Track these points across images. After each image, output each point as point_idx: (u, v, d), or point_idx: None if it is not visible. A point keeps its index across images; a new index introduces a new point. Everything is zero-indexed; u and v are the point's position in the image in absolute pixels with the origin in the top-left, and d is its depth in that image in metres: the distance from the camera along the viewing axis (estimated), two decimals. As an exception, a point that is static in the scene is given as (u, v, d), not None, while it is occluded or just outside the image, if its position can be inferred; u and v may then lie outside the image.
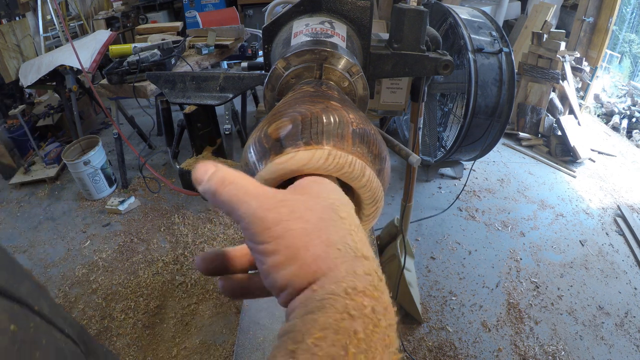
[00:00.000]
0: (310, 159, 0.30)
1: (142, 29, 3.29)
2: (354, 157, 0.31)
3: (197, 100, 0.64)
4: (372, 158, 0.33)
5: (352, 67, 0.48)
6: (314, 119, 0.32)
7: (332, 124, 0.32)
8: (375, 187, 0.32)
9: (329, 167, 0.30)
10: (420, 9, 0.68)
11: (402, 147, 0.81)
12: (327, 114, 0.33)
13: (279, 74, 0.48)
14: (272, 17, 0.73)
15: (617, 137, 3.70)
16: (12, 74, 3.25)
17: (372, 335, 0.21)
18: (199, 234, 2.55)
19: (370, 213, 0.35)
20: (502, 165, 3.23)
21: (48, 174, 3.15)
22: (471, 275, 2.24)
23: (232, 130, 2.73)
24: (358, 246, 0.25)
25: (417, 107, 1.41)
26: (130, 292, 2.16)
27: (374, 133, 0.34)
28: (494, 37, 2.40)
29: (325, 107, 0.34)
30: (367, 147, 0.33)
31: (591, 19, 3.94)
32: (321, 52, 0.46)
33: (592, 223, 2.63)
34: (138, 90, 2.43)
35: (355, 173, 0.31)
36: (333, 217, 0.26)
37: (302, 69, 0.47)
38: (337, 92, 0.39)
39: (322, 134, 0.31)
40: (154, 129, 3.72)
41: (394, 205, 2.78)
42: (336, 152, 0.30)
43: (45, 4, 4.05)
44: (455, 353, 1.84)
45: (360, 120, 0.34)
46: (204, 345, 1.88)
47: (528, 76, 3.47)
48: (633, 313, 2.04)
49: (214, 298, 2.11)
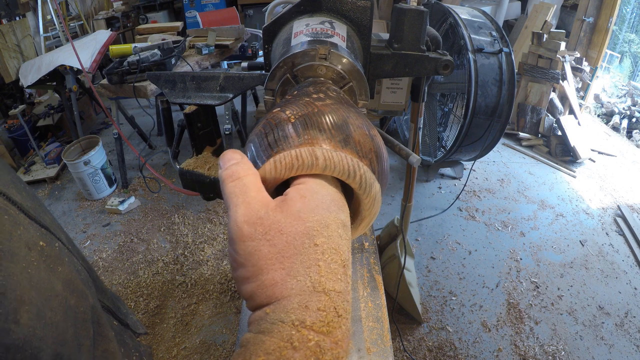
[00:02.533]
0: (304, 161, 0.30)
1: (142, 29, 3.29)
2: (351, 157, 0.31)
3: (198, 100, 0.64)
4: (371, 157, 0.33)
5: (351, 68, 0.48)
6: (313, 118, 0.32)
7: (332, 124, 0.32)
8: (372, 185, 0.32)
9: (326, 167, 0.30)
10: (421, 9, 0.68)
11: (402, 147, 0.81)
12: (326, 114, 0.33)
13: (281, 75, 0.48)
14: (272, 17, 0.73)
15: (617, 137, 3.71)
16: (12, 74, 3.25)
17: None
18: (199, 234, 2.55)
19: (368, 215, 0.35)
20: (502, 165, 3.23)
21: (48, 174, 3.15)
22: (471, 275, 2.25)
23: (232, 130, 2.73)
24: (322, 279, 0.25)
25: (417, 107, 1.41)
26: (130, 292, 2.16)
27: (373, 133, 0.34)
28: (494, 37, 2.41)
29: (325, 107, 0.34)
30: (366, 146, 0.33)
31: (591, 19, 3.94)
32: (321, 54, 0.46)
33: (592, 223, 2.63)
34: (138, 90, 2.43)
35: (352, 172, 0.31)
36: (304, 243, 0.26)
37: (303, 68, 0.47)
38: (336, 93, 0.39)
39: (320, 134, 0.31)
40: (154, 129, 3.72)
41: (394, 205, 2.78)
42: (332, 152, 0.30)
43: (46, 4, 4.05)
44: (455, 353, 1.84)
45: (359, 119, 0.34)
46: (204, 345, 1.88)
47: (528, 76, 3.47)
48: (633, 313, 2.04)
49: (214, 298, 2.11)
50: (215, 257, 2.37)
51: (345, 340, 0.25)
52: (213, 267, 2.30)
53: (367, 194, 0.32)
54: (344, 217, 0.30)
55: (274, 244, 0.26)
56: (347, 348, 0.25)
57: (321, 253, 0.26)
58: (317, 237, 0.27)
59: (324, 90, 0.38)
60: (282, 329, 0.23)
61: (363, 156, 0.32)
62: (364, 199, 0.33)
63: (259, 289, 0.26)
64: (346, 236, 0.29)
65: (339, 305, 0.25)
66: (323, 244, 0.27)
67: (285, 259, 0.26)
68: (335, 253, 0.27)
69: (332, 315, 0.25)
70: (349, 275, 0.27)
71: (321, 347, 0.23)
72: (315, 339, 0.23)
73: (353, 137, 0.32)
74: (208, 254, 2.39)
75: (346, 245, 0.28)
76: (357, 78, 0.49)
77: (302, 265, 0.26)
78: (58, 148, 3.32)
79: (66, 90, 2.97)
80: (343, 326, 0.25)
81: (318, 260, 0.26)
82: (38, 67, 2.79)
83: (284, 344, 0.23)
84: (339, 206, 0.30)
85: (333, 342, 0.24)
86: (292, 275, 0.25)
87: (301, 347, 0.23)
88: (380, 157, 0.34)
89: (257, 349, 0.23)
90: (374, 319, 0.89)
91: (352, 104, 0.38)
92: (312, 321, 0.24)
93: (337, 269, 0.26)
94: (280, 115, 0.33)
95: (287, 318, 0.24)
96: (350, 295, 0.27)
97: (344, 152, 0.31)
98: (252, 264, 0.26)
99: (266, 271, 0.26)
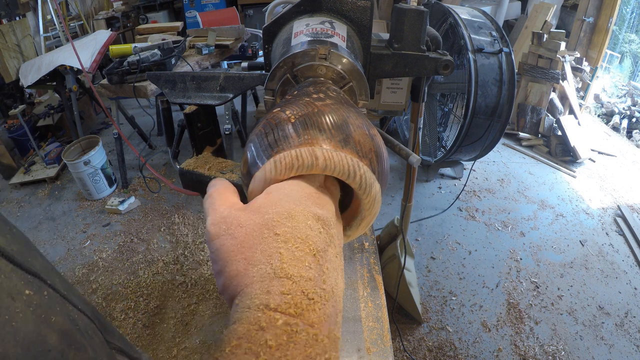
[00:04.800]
0: (304, 161, 0.30)
1: (142, 29, 3.29)
2: (351, 157, 0.31)
3: (198, 100, 0.64)
4: (371, 157, 0.33)
5: (351, 68, 0.48)
6: (313, 118, 0.32)
7: (332, 124, 0.32)
8: (372, 185, 0.32)
9: (326, 167, 0.30)
10: (421, 9, 0.68)
11: (402, 147, 0.81)
12: (327, 114, 0.33)
13: (282, 73, 0.48)
14: (273, 17, 0.73)
15: (617, 137, 3.70)
16: (12, 74, 3.25)
17: (286, 345, 0.23)
18: (199, 234, 2.55)
19: (369, 215, 0.35)
20: (502, 165, 3.23)
21: (48, 174, 3.15)
22: (471, 275, 2.25)
23: (232, 130, 2.73)
24: (284, 266, 0.26)
25: (417, 107, 1.41)
26: (130, 292, 2.16)
27: (373, 133, 0.34)
28: (494, 37, 2.41)
29: (325, 107, 0.34)
30: (367, 146, 0.33)
31: (591, 19, 3.94)
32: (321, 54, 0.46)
33: (592, 223, 2.63)
34: (138, 90, 2.43)
35: (352, 172, 0.31)
36: (264, 234, 0.27)
37: (303, 68, 0.47)
38: (336, 93, 0.39)
39: (320, 134, 0.31)
40: (154, 129, 3.72)
41: (394, 205, 2.78)
42: (332, 152, 0.30)
43: (46, 4, 4.05)
44: (455, 353, 1.84)
45: (359, 119, 0.34)
46: (204, 345, 1.88)
47: (528, 76, 3.47)
48: (633, 313, 2.04)
49: (214, 298, 2.11)
50: (215, 257, 2.37)
51: (325, 323, 0.25)
52: (213, 267, 2.30)
53: (367, 194, 0.32)
54: (321, 212, 0.30)
55: (235, 237, 0.28)
56: (330, 333, 0.25)
57: (283, 242, 0.27)
58: (278, 227, 0.27)
59: (324, 90, 0.38)
60: (249, 314, 0.24)
61: (363, 156, 0.32)
62: (364, 199, 0.33)
63: (227, 280, 0.27)
64: (320, 229, 0.29)
65: (309, 290, 0.25)
66: (285, 233, 0.27)
67: (246, 249, 0.27)
68: (302, 242, 0.27)
69: (300, 297, 0.25)
70: (324, 266, 0.27)
71: (291, 325, 0.23)
72: (282, 319, 0.24)
73: (353, 137, 0.32)
74: (208, 254, 2.39)
75: (320, 237, 0.28)
76: (357, 78, 0.49)
77: (263, 254, 0.26)
78: (58, 148, 3.32)
79: (66, 90, 2.97)
80: (318, 309, 0.25)
81: (279, 249, 0.26)
82: (38, 67, 2.79)
83: (252, 327, 0.23)
84: (315, 202, 0.30)
85: (307, 323, 0.24)
86: (253, 264, 0.26)
87: (269, 327, 0.23)
88: (380, 157, 0.34)
89: (230, 336, 0.24)
90: (374, 319, 0.89)
91: (352, 104, 0.38)
92: (276, 303, 0.24)
93: (303, 257, 0.26)
94: (280, 115, 0.33)
95: (252, 304, 0.24)
96: (328, 284, 0.27)
97: (344, 152, 0.31)
98: (219, 258, 0.28)
99: (230, 262, 0.27)
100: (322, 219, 0.30)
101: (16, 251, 0.28)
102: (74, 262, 2.38)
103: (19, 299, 0.25)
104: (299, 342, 0.23)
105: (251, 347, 0.23)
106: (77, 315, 0.31)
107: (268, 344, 0.23)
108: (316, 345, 0.24)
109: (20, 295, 0.25)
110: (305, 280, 0.26)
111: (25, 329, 0.24)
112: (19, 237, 0.31)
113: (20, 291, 0.25)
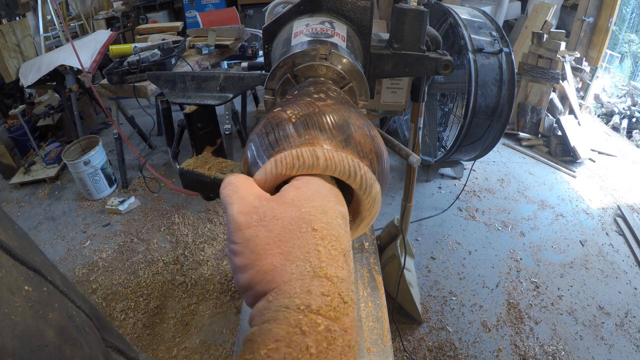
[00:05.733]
0: (305, 161, 0.30)
1: (142, 29, 3.29)
2: (352, 157, 0.31)
3: (198, 100, 0.64)
4: (372, 158, 0.33)
5: (351, 68, 0.48)
6: (314, 118, 0.32)
7: (333, 124, 0.32)
8: (372, 185, 0.32)
9: (327, 167, 0.30)
10: (421, 9, 0.68)
11: (402, 147, 0.81)
12: (327, 114, 0.33)
13: (282, 73, 0.48)
14: (273, 17, 0.73)
15: (617, 137, 3.70)
16: (12, 74, 3.25)
17: (325, 352, 0.22)
18: (199, 234, 2.55)
19: (369, 215, 0.35)
20: (502, 165, 3.23)
21: (48, 174, 3.15)
22: (471, 275, 2.25)
23: (232, 130, 2.73)
24: (322, 265, 0.25)
25: (417, 107, 1.41)
26: (130, 292, 2.16)
27: (374, 134, 0.34)
28: (494, 37, 2.41)
29: (326, 107, 0.33)
30: (367, 147, 0.33)
31: (591, 19, 3.94)
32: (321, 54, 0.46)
33: (592, 223, 2.63)
34: (138, 90, 2.43)
35: (352, 173, 0.31)
36: (302, 228, 0.26)
37: (303, 68, 0.47)
38: (337, 93, 0.39)
39: (321, 134, 0.31)
40: (154, 129, 3.72)
41: (394, 205, 2.78)
42: (333, 152, 0.30)
43: (46, 4, 4.05)
44: (455, 353, 1.84)
45: (360, 120, 0.34)
46: (204, 345, 1.88)
47: (528, 76, 3.47)
48: (633, 313, 2.04)
49: (214, 298, 2.11)
50: (215, 257, 2.37)
51: (355, 329, 0.24)
52: (213, 267, 2.30)
53: (367, 195, 0.32)
54: (344, 210, 0.30)
55: (270, 229, 0.26)
56: (357, 338, 0.24)
57: (320, 238, 0.26)
58: (315, 222, 0.26)
59: (325, 90, 0.38)
60: (288, 315, 0.22)
61: (364, 157, 0.32)
62: (364, 200, 0.33)
63: (258, 274, 0.25)
64: (346, 227, 0.28)
65: (344, 292, 0.24)
66: (322, 229, 0.26)
67: (283, 243, 0.25)
68: (336, 240, 0.26)
69: (338, 301, 0.24)
70: (350, 266, 0.27)
71: (331, 331, 0.22)
72: (324, 323, 0.22)
73: (354, 137, 0.32)
74: (208, 254, 2.39)
75: (346, 237, 0.28)
76: (357, 78, 0.49)
77: (301, 250, 0.25)
78: (58, 148, 3.32)
79: (66, 90, 2.97)
80: (350, 313, 0.24)
81: (317, 245, 0.25)
82: (38, 67, 2.79)
83: (293, 330, 0.22)
84: (338, 199, 0.30)
85: (342, 329, 0.23)
86: (291, 259, 0.25)
87: (311, 332, 0.22)
88: (380, 157, 0.34)
89: (266, 338, 0.22)
90: (374, 319, 0.89)
91: (352, 104, 0.38)
92: (318, 305, 0.23)
93: (337, 256, 0.26)
94: (281, 114, 0.33)
95: (292, 303, 0.23)
96: (353, 285, 0.26)
97: (345, 152, 0.31)
98: (250, 250, 0.26)
99: (264, 256, 0.25)
100: (345, 218, 0.29)
101: (18, 247, 0.28)
102: (74, 262, 2.38)
103: (18, 294, 0.25)
104: (337, 349, 0.22)
105: (291, 353, 0.21)
106: (75, 312, 0.31)
107: (310, 350, 0.21)
108: (349, 352, 0.23)
109: (19, 290, 0.25)
110: (339, 281, 0.25)
111: (24, 323, 0.24)
112: (21, 233, 0.31)
113: (20, 286, 0.25)
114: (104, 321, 0.39)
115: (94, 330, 0.34)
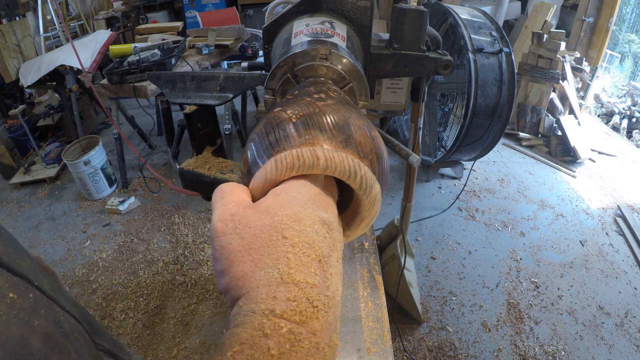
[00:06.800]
0: (305, 161, 0.30)
1: (142, 29, 3.29)
2: (352, 157, 0.31)
3: (198, 100, 0.64)
4: (372, 158, 0.33)
5: (352, 68, 0.48)
6: (314, 118, 0.32)
7: (333, 124, 0.32)
8: (372, 185, 0.32)
9: (327, 168, 0.30)
10: (421, 9, 0.68)
11: (402, 147, 0.81)
12: (328, 114, 0.33)
13: (283, 73, 0.48)
14: (272, 17, 0.73)
15: (617, 137, 3.70)
16: (12, 74, 3.25)
17: (288, 354, 0.23)
18: (199, 234, 2.55)
19: (369, 215, 0.35)
20: (502, 165, 3.23)
21: (48, 174, 3.15)
22: (471, 275, 2.25)
23: (232, 130, 2.73)
24: (291, 271, 0.26)
25: (417, 107, 1.41)
26: (130, 292, 2.16)
27: (374, 134, 0.34)
28: (494, 37, 2.41)
29: (326, 107, 0.33)
30: (367, 147, 0.33)
31: (591, 19, 3.94)
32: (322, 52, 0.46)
33: (592, 223, 2.63)
34: (138, 90, 2.43)
35: (352, 173, 0.31)
36: (272, 236, 0.27)
37: (303, 68, 0.47)
38: (337, 93, 0.39)
39: (321, 134, 0.31)
40: (154, 129, 3.72)
41: (394, 205, 2.78)
42: (333, 152, 0.30)
43: (46, 4, 4.05)
44: (455, 353, 1.84)
45: (360, 120, 0.34)
46: (204, 345, 1.88)
47: (528, 76, 3.47)
48: (633, 313, 2.04)
49: (214, 298, 2.11)
50: (215, 257, 2.37)
51: (326, 332, 0.25)
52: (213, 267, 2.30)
53: (367, 195, 0.32)
54: (326, 215, 0.30)
55: (243, 237, 0.27)
56: (331, 341, 0.25)
57: (291, 246, 0.27)
58: (286, 230, 0.27)
59: (325, 91, 0.38)
60: (253, 319, 0.24)
61: (364, 157, 0.32)
62: (365, 200, 0.33)
63: (232, 281, 0.27)
64: (325, 234, 0.29)
65: (314, 297, 0.25)
66: (293, 237, 0.27)
67: (253, 251, 0.27)
68: (309, 247, 0.27)
69: (305, 305, 0.25)
70: (328, 272, 0.27)
71: (295, 334, 0.23)
72: (287, 326, 0.23)
73: (354, 137, 0.32)
74: (208, 254, 2.39)
75: (325, 242, 0.28)
76: (357, 78, 0.49)
77: (270, 257, 0.26)
78: (58, 148, 3.32)
79: (66, 90, 2.97)
80: (321, 317, 0.25)
81: (287, 253, 0.26)
82: (38, 67, 2.79)
83: (256, 333, 0.23)
84: (320, 205, 0.30)
85: (310, 332, 0.24)
86: (260, 266, 0.26)
87: (273, 335, 0.23)
88: (380, 158, 0.34)
89: (233, 341, 0.24)
90: (374, 319, 0.89)
91: (353, 104, 0.38)
92: (282, 310, 0.24)
93: (309, 263, 0.26)
94: (281, 114, 0.33)
95: (257, 308, 0.24)
96: (331, 291, 0.27)
97: (345, 152, 0.31)
98: (224, 257, 0.27)
99: (236, 263, 0.27)
100: (327, 223, 0.30)
101: (3, 252, 0.28)
102: (74, 262, 2.38)
103: (2, 302, 0.25)
104: (301, 351, 0.23)
105: (253, 354, 0.22)
106: (63, 317, 0.31)
107: (270, 352, 0.23)
108: (317, 354, 0.24)
109: (4, 298, 0.25)
110: (310, 287, 0.25)
111: (8, 332, 0.24)
112: (6, 238, 0.31)
113: (5, 294, 0.25)
114: (95, 324, 0.39)
115: (83, 335, 0.34)
